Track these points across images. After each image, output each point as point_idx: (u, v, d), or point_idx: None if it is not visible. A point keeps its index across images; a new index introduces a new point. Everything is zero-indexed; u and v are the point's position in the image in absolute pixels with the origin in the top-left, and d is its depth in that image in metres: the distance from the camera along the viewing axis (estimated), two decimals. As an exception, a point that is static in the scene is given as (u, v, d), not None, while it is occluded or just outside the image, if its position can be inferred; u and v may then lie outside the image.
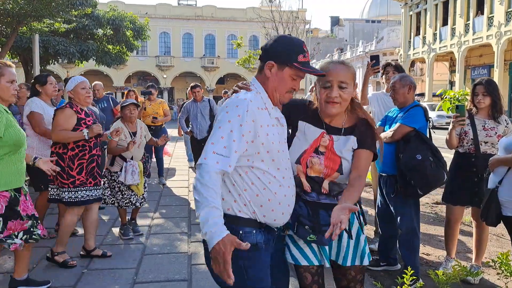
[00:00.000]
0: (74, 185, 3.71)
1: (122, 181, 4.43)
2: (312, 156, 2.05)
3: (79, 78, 3.87)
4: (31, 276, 3.52)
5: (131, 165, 4.47)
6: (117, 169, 4.48)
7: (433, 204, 6.35)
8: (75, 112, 3.71)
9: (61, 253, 3.78)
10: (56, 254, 3.75)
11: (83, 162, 3.76)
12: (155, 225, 5.13)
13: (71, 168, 3.69)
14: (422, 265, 3.81)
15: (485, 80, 3.60)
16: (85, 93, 3.79)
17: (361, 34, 54.74)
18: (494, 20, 22.91)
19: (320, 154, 2.06)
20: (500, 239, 4.82)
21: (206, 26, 43.81)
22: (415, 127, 3.36)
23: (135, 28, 19.53)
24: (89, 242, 4.00)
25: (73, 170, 3.71)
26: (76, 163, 3.72)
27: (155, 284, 3.46)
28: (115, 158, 4.49)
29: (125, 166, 4.45)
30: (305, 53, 1.89)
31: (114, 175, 4.49)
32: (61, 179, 3.69)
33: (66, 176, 3.68)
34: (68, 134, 3.66)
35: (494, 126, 3.53)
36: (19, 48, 16.42)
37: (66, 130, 3.66)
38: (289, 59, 1.85)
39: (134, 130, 4.64)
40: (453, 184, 3.68)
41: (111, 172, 4.50)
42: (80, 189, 3.74)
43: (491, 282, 3.63)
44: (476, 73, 26.68)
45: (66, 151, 3.70)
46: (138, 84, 41.87)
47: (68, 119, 3.67)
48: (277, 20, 16.92)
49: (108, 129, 6.26)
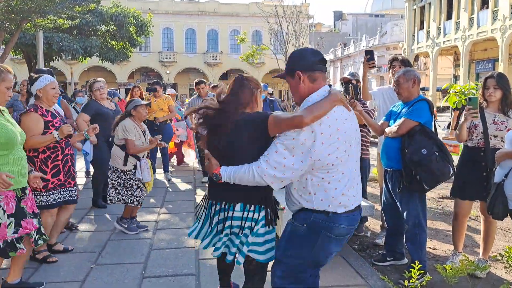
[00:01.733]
0: (46, 188, 3.65)
1: (140, 178, 4.45)
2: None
3: (50, 78, 3.80)
4: (38, 272, 3.57)
5: (145, 163, 4.50)
6: (131, 168, 4.48)
7: (439, 199, 6.35)
8: (40, 116, 3.60)
9: (42, 251, 3.78)
10: (37, 252, 3.76)
11: (58, 163, 3.71)
12: (162, 220, 5.16)
13: (44, 171, 3.62)
14: (429, 260, 3.81)
15: (497, 74, 3.58)
16: (54, 93, 3.73)
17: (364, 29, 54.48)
18: (499, 13, 22.74)
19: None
20: (506, 234, 4.82)
21: (209, 21, 43.69)
22: (420, 122, 3.35)
23: (138, 24, 19.55)
24: (52, 238, 3.99)
25: (47, 173, 3.64)
26: (50, 166, 3.66)
27: (163, 278, 3.49)
28: (128, 157, 4.47)
29: (140, 165, 4.46)
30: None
31: (129, 173, 4.49)
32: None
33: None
34: (39, 139, 3.55)
35: (504, 120, 3.52)
36: (23, 45, 16.48)
37: (36, 135, 3.54)
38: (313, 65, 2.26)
39: (143, 129, 4.66)
40: (462, 178, 3.67)
41: (125, 171, 4.49)
42: (53, 192, 3.70)
43: (499, 276, 3.64)
44: (481, 67, 26.54)
45: (37, 154, 3.62)
46: (141, 80, 41.87)
47: (37, 124, 3.57)
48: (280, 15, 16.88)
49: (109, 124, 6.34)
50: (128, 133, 4.41)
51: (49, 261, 3.75)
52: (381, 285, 3.33)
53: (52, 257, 3.81)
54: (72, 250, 4.10)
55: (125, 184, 4.50)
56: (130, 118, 4.55)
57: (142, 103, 4.62)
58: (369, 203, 4.07)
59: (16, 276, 3.19)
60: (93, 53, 18.26)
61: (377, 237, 4.53)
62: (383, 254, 3.93)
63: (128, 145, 4.42)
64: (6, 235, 2.89)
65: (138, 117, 4.58)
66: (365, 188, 4.76)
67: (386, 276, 3.50)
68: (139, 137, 4.51)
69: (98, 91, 5.37)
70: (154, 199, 6.14)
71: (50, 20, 16.49)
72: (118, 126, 4.48)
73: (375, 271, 3.62)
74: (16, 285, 3.18)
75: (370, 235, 4.69)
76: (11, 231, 2.91)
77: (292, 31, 16.84)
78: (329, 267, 3.56)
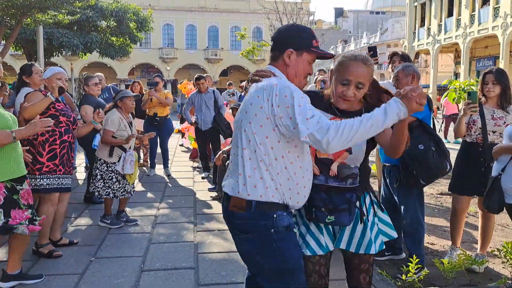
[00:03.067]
0: (40, 172, 3.66)
1: (119, 170, 4.45)
2: None
3: (58, 69, 3.94)
4: (37, 265, 3.59)
5: (130, 155, 4.49)
6: (115, 160, 4.49)
7: (437, 195, 6.36)
8: (44, 96, 3.68)
9: (45, 244, 3.78)
10: (40, 246, 3.77)
11: (56, 148, 3.71)
12: (161, 215, 5.17)
13: (41, 154, 3.65)
14: (427, 255, 3.83)
15: (495, 69, 3.58)
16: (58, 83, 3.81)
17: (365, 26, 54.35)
18: (500, 11, 22.69)
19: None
20: (504, 229, 4.83)
21: (209, 17, 43.63)
22: (418, 117, 3.36)
23: (138, 19, 19.49)
24: (55, 233, 4.01)
25: (43, 156, 3.66)
26: (47, 149, 3.68)
27: (162, 272, 3.51)
28: (114, 149, 4.48)
29: (124, 157, 4.46)
30: (316, 38, 1.97)
31: (111, 166, 4.49)
32: (31, 165, 3.64)
33: (35, 161, 3.65)
34: (35, 106, 3.56)
35: (503, 116, 3.52)
36: (23, 40, 16.45)
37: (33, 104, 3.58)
38: (307, 45, 1.94)
39: (130, 121, 4.67)
40: (460, 174, 3.68)
41: (108, 163, 4.49)
42: (46, 176, 3.68)
43: (496, 271, 3.65)
44: (481, 65, 26.50)
45: (36, 136, 3.63)
46: (141, 76, 41.83)
47: (39, 98, 3.66)
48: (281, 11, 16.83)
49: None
50: (108, 124, 4.42)
51: (54, 256, 3.75)
52: (379, 279, 3.34)
53: (57, 251, 3.81)
54: (77, 243, 4.11)
55: (103, 176, 4.50)
56: (117, 109, 4.57)
57: (129, 95, 4.63)
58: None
59: (15, 267, 3.20)
60: (93, 49, 18.21)
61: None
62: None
63: (103, 134, 4.45)
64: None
65: (125, 108, 4.59)
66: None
67: (384, 270, 3.51)
68: (124, 128, 4.51)
69: (96, 86, 5.36)
70: (154, 194, 6.16)
71: (50, 16, 16.45)
72: (105, 116, 4.47)
73: (373, 266, 3.63)
74: (16, 275, 3.20)
75: (368, 230, 4.70)
76: (0, 222, 2.92)
77: (293, 27, 16.80)
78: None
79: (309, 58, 1.97)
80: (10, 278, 3.18)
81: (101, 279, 3.37)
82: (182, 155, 10.12)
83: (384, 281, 3.30)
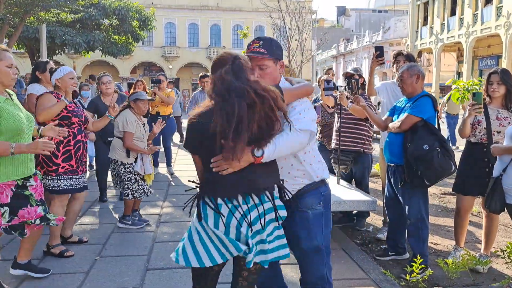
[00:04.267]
0: (57, 173, 3.69)
1: (139, 171, 4.45)
2: None
3: (68, 68, 3.90)
4: (43, 263, 3.62)
5: (147, 155, 4.53)
6: (132, 160, 4.48)
7: (441, 195, 6.36)
8: (56, 98, 3.69)
9: (56, 245, 3.80)
10: (51, 247, 3.79)
11: (70, 148, 3.73)
12: (165, 213, 5.19)
13: (56, 155, 3.66)
14: (430, 255, 3.83)
15: (501, 69, 3.58)
16: (72, 82, 3.80)
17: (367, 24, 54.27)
18: (503, 10, 22.63)
19: None
20: (508, 229, 4.83)
21: (211, 16, 43.56)
22: (423, 117, 3.36)
23: (141, 18, 19.51)
24: (66, 230, 4.04)
25: (58, 157, 3.68)
26: (61, 150, 3.69)
27: (167, 270, 3.52)
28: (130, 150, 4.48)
29: (141, 157, 4.47)
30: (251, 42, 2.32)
31: (129, 166, 4.48)
32: (47, 167, 3.67)
33: (51, 164, 3.66)
34: (50, 109, 3.58)
35: (508, 116, 3.52)
36: (26, 39, 16.48)
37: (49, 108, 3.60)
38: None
39: (143, 122, 4.68)
40: (464, 174, 3.68)
41: (125, 164, 4.48)
42: (63, 177, 3.72)
43: (500, 271, 3.66)
44: (484, 64, 26.45)
45: (51, 138, 3.60)
46: (144, 75, 41.82)
47: (51, 101, 3.64)
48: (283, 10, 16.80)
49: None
50: (128, 126, 4.40)
51: (66, 255, 3.77)
52: (383, 279, 3.35)
53: (69, 251, 3.82)
54: (87, 241, 4.14)
55: (122, 178, 4.50)
56: (130, 110, 4.54)
57: (144, 98, 4.59)
58: (371, 198, 4.09)
59: (24, 256, 3.29)
60: (96, 47, 18.24)
61: (379, 232, 4.55)
62: (385, 249, 3.95)
63: (126, 138, 4.40)
64: (0, 223, 2.92)
65: (137, 110, 4.56)
66: (367, 183, 4.78)
67: (388, 270, 3.53)
68: (140, 129, 4.51)
69: (105, 85, 5.38)
70: (157, 193, 6.17)
71: (53, 14, 16.49)
72: (119, 116, 4.42)
73: (377, 266, 3.65)
74: (24, 265, 3.29)
75: (372, 230, 4.71)
76: (5, 220, 2.93)
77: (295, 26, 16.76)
78: (331, 261, 3.58)
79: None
80: (18, 266, 3.28)
81: (106, 278, 3.39)
82: (185, 154, 10.13)
83: (387, 281, 3.32)
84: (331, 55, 50.80)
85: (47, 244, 3.81)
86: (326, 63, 49.30)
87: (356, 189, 4.45)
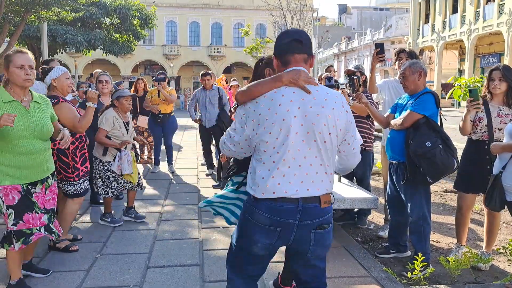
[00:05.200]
0: (79, 177, 3.81)
1: (115, 170, 4.41)
2: None
3: (63, 68, 3.86)
4: (44, 261, 3.62)
5: (126, 155, 4.44)
6: (110, 159, 4.46)
7: (442, 193, 6.34)
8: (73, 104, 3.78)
9: (62, 240, 3.83)
10: (57, 241, 3.80)
11: (85, 152, 3.87)
12: (166, 212, 5.18)
13: (76, 161, 3.77)
14: (432, 252, 3.82)
15: (502, 66, 3.56)
16: (69, 83, 3.80)
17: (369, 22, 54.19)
18: (505, 7, 22.56)
19: None
20: (510, 227, 4.82)
21: (212, 14, 43.53)
22: (425, 114, 3.35)
23: (142, 16, 19.53)
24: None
25: (78, 163, 3.79)
26: (78, 155, 3.81)
27: (167, 268, 3.52)
28: (108, 148, 4.44)
29: (119, 156, 4.42)
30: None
31: (107, 165, 4.46)
32: (65, 173, 3.74)
33: (71, 170, 3.75)
34: (86, 118, 3.60)
35: (509, 113, 3.50)
36: (27, 37, 16.51)
37: (79, 118, 3.61)
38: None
39: (127, 121, 4.63)
40: (466, 172, 3.67)
41: (104, 162, 4.46)
42: (82, 180, 3.86)
43: (502, 269, 3.64)
44: (486, 62, 26.38)
45: (68, 146, 3.66)
46: (145, 73, 41.85)
47: (71, 110, 3.63)
48: (284, 8, 16.79)
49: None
50: (103, 123, 4.40)
51: (71, 250, 3.81)
52: (384, 276, 3.34)
53: (74, 245, 3.87)
54: (81, 239, 4.17)
55: (101, 175, 4.49)
56: (114, 109, 4.53)
57: (126, 95, 4.56)
58: (373, 196, 4.08)
59: (25, 256, 3.26)
60: (97, 46, 18.26)
61: (380, 229, 4.54)
62: (386, 247, 3.94)
63: (98, 132, 4.41)
64: (7, 222, 2.93)
65: (121, 108, 4.54)
66: (368, 181, 4.77)
67: (389, 268, 3.52)
68: (119, 128, 4.47)
69: (101, 84, 5.37)
70: (158, 191, 6.17)
71: (54, 13, 16.49)
72: (101, 115, 4.49)
73: (378, 263, 3.64)
74: (25, 265, 3.26)
75: (373, 228, 4.70)
76: (10, 222, 2.93)
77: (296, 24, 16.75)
78: (332, 259, 3.58)
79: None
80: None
81: (107, 276, 3.38)
82: (187, 152, 10.14)
83: (389, 278, 3.30)
84: (332, 54, 50.75)
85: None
86: (328, 62, 49.24)
87: (357, 187, 4.43)
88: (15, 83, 2.94)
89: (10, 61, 2.92)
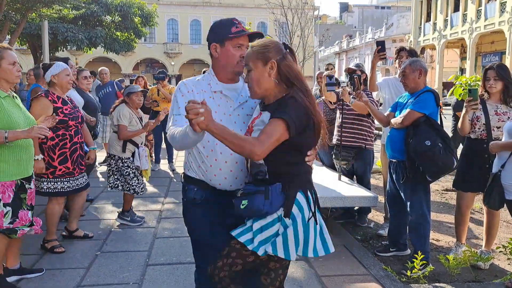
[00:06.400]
0: (54, 175, 3.66)
1: (139, 166, 4.44)
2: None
3: (64, 65, 3.83)
4: (43, 259, 3.63)
5: (143, 150, 4.50)
6: (129, 155, 4.47)
7: (442, 191, 6.34)
8: (51, 102, 3.62)
9: (51, 240, 3.80)
10: (46, 241, 3.80)
11: (66, 151, 3.69)
12: (166, 209, 5.19)
13: (52, 158, 3.64)
14: (431, 251, 3.82)
15: (497, 65, 3.56)
16: (68, 79, 3.77)
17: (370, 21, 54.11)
18: (507, 6, 22.50)
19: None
20: (509, 226, 4.81)
21: (214, 12, 43.50)
22: (425, 113, 3.34)
23: (143, 14, 19.48)
24: (72, 224, 4.09)
25: (54, 160, 3.65)
26: (57, 153, 3.66)
27: (167, 266, 3.52)
28: (126, 144, 4.46)
29: (138, 152, 4.46)
30: (236, 24, 2.14)
31: (126, 161, 4.47)
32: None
33: (47, 166, 3.63)
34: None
35: (507, 111, 3.49)
36: (28, 35, 16.49)
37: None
38: (226, 33, 2.11)
39: (140, 116, 4.65)
40: (465, 170, 3.66)
41: (123, 159, 4.47)
42: (60, 180, 3.69)
43: (501, 267, 3.64)
44: (487, 60, 26.32)
45: (46, 140, 3.60)
46: (146, 71, 41.86)
47: (46, 110, 3.56)
48: (285, 6, 16.76)
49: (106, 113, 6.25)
50: (121, 119, 4.40)
51: (56, 251, 3.76)
52: (383, 274, 3.34)
53: (59, 247, 3.81)
54: (92, 237, 4.15)
55: (122, 172, 4.48)
56: (126, 104, 4.54)
57: (136, 91, 4.57)
58: (373, 194, 4.08)
59: (14, 261, 3.24)
60: (98, 44, 18.23)
61: (380, 228, 4.54)
62: (386, 245, 3.94)
63: (119, 130, 4.40)
64: (2, 224, 2.88)
65: (132, 104, 4.54)
66: (368, 179, 4.76)
67: (389, 266, 3.52)
68: (136, 123, 4.49)
69: (86, 80, 5.34)
70: (158, 189, 6.18)
71: (55, 10, 16.48)
72: (114, 111, 4.47)
73: (378, 262, 3.64)
74: (16, 270, 3.24)
75: (373, 226, 4.70)
76: (7, 221, 2.90)
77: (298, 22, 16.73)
78: (332, 257, 3.57)
79: (232, 44, 2.09)
80: (11, 272, 3.21)
81: (107, 273, 3.39)
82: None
83: (388, 277, 3.31)
84: (333, 52, 50.69)
85: (44, 238, 3.82)
86: (329, 60, 49.18)
87: (357, 185, 4.43)
88: (6, 79, 2.95)
89: (2, 58, 2.92)
